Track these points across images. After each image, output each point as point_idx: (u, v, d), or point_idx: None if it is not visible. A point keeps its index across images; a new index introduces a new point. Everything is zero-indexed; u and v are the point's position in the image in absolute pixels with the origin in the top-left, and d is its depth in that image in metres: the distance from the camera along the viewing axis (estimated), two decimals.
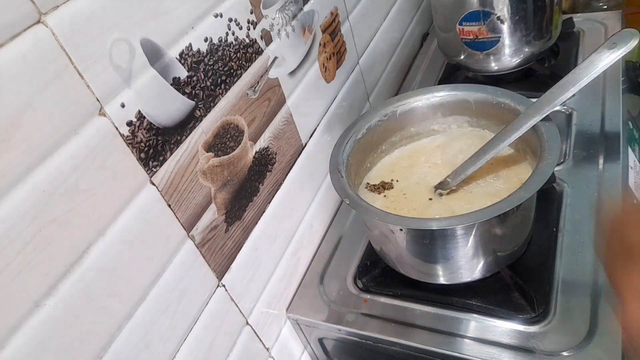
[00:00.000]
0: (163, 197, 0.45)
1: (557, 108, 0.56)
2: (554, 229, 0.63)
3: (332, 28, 0.74)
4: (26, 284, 0.34)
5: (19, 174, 0.33)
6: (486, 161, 0.59)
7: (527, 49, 0.84)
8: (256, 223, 0.59)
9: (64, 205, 0.36)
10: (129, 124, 0.41)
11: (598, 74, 0.52)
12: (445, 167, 0.65)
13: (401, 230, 0.54)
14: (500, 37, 0.82)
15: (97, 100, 0.39)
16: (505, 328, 0.56)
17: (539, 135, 0.56)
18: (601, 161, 0.69)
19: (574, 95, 0.54)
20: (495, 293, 0.58)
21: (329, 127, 0.75)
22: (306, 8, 0.66)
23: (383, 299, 0.63)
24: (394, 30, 0.99)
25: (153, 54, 0.43)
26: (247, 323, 0.59)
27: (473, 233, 0.53)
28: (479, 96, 0.66)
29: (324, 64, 0.72)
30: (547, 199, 0.66)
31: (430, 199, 0.62)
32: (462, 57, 0.88)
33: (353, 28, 0.81)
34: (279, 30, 0.61)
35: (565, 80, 0.54)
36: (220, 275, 0.54)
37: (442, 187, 0.62)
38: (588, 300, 0.55)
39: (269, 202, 0.62)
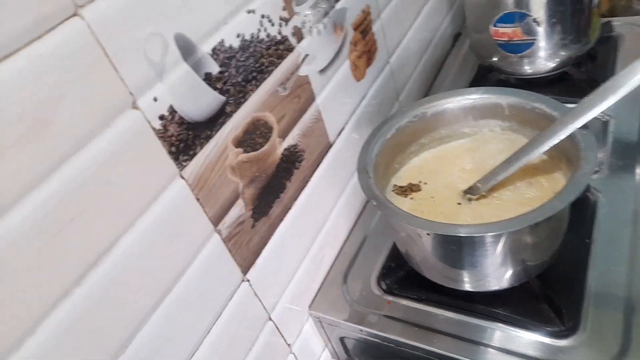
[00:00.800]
0: (192, 191, 0.45)
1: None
2: (587, 240, 0.61)
3: (363, 26, 0.73)
4: (56, 272, 0.35)
5: (51, 165, 0.34)
6: (518, 168, 0.57)
7: (563, 53, 0.81)
8: (282, 219, 0.59)
9: (94, 197, 0.37)
10: (161, 117, 0.42)
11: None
12: (474, 172, 0.64)
13: (428, 234, 0.53)
14: (535, 39, 0.80)
15: (130, 93, 0.39)
16: (531, 340, 0.54)
17: (575, 143, 0.55)
18: (639, 171, 0.67)
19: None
20: (523, 303, 0.57)
21: (357, 125, 0.74)
22: (338, 6, 0.66)
23: (406, 302, 0.62)
24: (425, 30, 0.98)
25: (186, 49, 0.43)
26: (270, 318, 0.59)
27: (502, 242, 0.51)
28: (513, 100, 0.64)
29: (354, 63, 0.72)
30: (580, 208, 0.64)
31: (459, 203, 0.61)
32: (495, 58, 0.86)
33: (384, 26, 0.80)
34: (310, 27, 0.60)
35: (605, 88, 0.52)
36: (245, 270, 0.54)
37: (472, 192, 0.60)
38: (621, 315, 0.53)
39: (295, 199, 0.61)
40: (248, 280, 0.54)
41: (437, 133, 0.69)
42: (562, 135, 0.54)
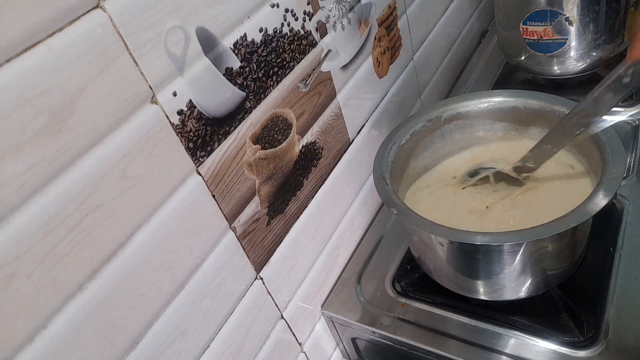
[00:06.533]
0: (208, 188, 0.45)
1: (623, 119, 0.52)
2: (611, 249, 0.59)
3: (388, 22, 0.72)
4: (71, 266, 0.35)
5: (70, 158, 0.34)
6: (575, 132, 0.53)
7: (595, 53, 0.79)
8: (298, 218, 0.59)
9: (111, 191, 0.37)
10: (180, 112, 0.41)
11: None
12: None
13: (452, 243, 0.52)
14: (567, 39, 0.77)
15: (150, 88, 0.38)
16: (548, 349, 0.53)
17: (600, 146, 0.53)
18: None
19: None
20: (541, 312, 0.56)
21: (377, 123, 0.73)
22: (364, 0, 0.64)
23: (421, 305, 0.61)
24: (452, 26, 0.95)
25: (207, 43, 0.43)
26: (282, 317, 0.58)
27: (522, 250, 0.50)
28: (531, 103, 0.62)
29: (377, 59, 0.70)
30: (606, 215, 0.62)
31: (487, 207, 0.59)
32: (522, 57, 0.84)
33: (410, 22, 0.78)
34: (334, 22, 0.59)
35: None
36: (258, 268, 0.53)
37: (523, 170, 0.58)
38: None
39: (312, 197, 0.61)
40: (261, 278, 0.54)
41: (451, 137, 0.67)
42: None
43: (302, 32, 0.54)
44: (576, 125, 0.53)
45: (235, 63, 0.46)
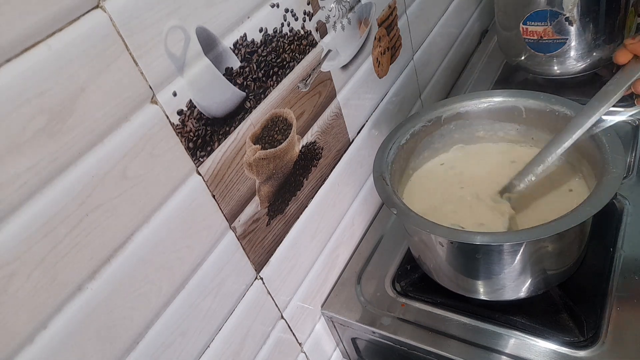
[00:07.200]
0: (208, 188, 0.45)
1: (623, 119, 0.52)
2: (611, 249, 0.59)
3: (388, 22, 0.72)
4: (71, 267, 0.35)
5: (70, 158, 0.34)
6: (558, 155, 0.53)
7: (595, 53, 0.79)
8: (297, 218, 0.59)
9: (111, 191, 0.37)
10: (180, 112, 0.41)
11: None
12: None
13: (452, 243, 0.52)
14: (567, 39, 0.77)
15: (150, 88, 0.38)
16: (548, 349, 0.53)
17: (600, 146, 0.53)
18: None
19: None
20: (541, 312, 0.56)
21: (377, 123, 0.73)
22: (364, 0, 0.64)
23: (421, 305, 0.61)
24: (452, 26, 0.95)
25: (207, 43, 0.43)
26: (282, 317, 0.58)
27: (521, 251, 0.50)
28: (530, 103, 0.62)
29: (377, 59, 0.70)
30: (605, 215, 0.62)
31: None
32: (523, 57, 0.84)
33: (410, 22, 0.78)
34: (334, 22, 0.59)
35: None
36: (258, 268, 0.53)
37: (509, 190, 0.58)
38: None
39: (312, 198, 0.61)
40: (261, 278, 0.54)
41: (451, 137, 0.67)
42: (596, 117, 0.51)
43: (302, 32, 0.54)
44: (580, 123, 0.53)
45: (235, 63, 0.46)
